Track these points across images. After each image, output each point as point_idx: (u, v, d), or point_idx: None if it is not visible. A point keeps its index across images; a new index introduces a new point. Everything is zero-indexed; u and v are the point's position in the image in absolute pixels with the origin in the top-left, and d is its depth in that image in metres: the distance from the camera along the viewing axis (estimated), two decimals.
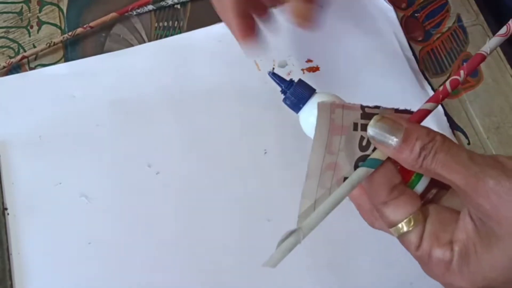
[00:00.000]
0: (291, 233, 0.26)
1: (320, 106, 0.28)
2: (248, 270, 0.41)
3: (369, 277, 0.42)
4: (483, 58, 0.28)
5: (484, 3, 0.52)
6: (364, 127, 0.28)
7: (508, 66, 0.49)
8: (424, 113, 0.28)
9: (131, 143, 0.46)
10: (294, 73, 0.49)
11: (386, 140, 0.26)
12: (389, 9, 0.51)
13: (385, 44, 0.50)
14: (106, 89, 0.49)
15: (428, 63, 0.50)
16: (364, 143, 0.28)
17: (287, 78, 0.32)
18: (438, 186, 0.30)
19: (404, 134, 0.26)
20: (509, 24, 0.28)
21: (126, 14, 0.52)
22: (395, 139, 0.26)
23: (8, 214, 0.44)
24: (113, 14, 0.52)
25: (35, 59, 0.51)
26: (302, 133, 0.49)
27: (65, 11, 0.54)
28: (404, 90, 0.48)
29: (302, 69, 0.49)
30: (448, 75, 0.49)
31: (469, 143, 0.46)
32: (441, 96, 0.28)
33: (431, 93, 0.48)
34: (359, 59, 0.49)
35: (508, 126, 0.47)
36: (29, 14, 0.54)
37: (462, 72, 0.28)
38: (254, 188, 0.44)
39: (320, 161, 0.27)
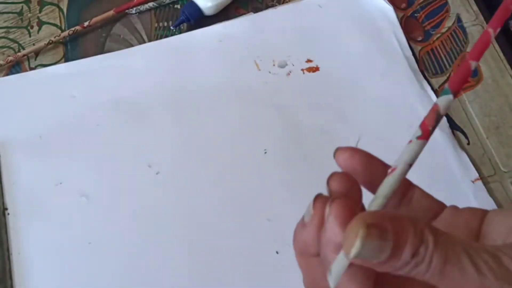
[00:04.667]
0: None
1: None
2: (248, 269, 0.42)
3: None
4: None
5: (484, 4, 0.52)
6: None
7: (508, 66, 0.49)
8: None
9: (131, 143, 0.47)
10: (294, 73, 0.49)
11: (372, 259, 0.21)
12: (389, 9, 0.51)
13: (385, 44, 0.50)
14: (106, 89, 0.49)
15: (427, 63, 0.50)
16: None
17: (287, 78, 0.31)
18: None
19: (393, 245, 0.21)
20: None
21: (126, 11, 0.52)
22: (383, 255, 0.21)
23: (8, 214, 0.44)
24: (111, 12, 0.52)
25: (35, 59, 0.51)
26: (302, 133, 0.49)
27: (65, 11, 0.54)
28: (404, 90, 0.48)
29: (302, 69, 0.49)
30: (448, 75, 0.49)
31: (468, 143, 0.46)
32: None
33: (431, 93, 0.48)
34: (359, 59, 0.49)
35: (508, 126, 0.47)
36: (29, 14, 0.54)
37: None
38: (254, 188, 0.44)
39: None
